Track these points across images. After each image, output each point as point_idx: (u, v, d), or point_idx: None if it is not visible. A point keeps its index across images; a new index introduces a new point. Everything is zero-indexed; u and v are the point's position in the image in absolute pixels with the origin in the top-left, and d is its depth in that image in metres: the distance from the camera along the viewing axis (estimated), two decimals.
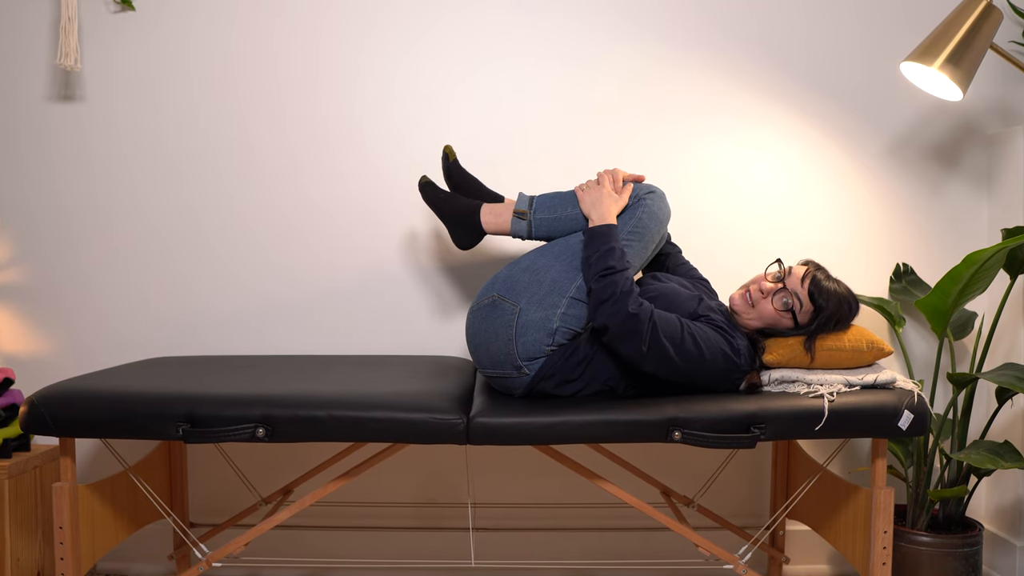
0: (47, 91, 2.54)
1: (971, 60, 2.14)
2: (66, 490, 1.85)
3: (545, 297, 1.92)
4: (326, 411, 1.80)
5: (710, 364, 1.89)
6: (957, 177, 2.59)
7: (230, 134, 2.55)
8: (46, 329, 2.58)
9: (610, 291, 1.83)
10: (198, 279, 2.56)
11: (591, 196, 2.00)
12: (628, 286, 1.84)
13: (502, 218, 2.10)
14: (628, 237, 1.98)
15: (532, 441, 1.80)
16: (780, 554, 2.42)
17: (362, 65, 2.54)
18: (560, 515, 2.61)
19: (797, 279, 1.98)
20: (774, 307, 1.97)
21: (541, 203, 2.08)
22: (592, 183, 2.04)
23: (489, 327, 1.95)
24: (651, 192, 2.03)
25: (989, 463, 2.04)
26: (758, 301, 1.99)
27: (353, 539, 2.58)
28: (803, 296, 1.96)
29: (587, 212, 1.99)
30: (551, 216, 2.07)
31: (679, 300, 1.99)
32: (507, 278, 1.99)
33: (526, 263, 2.00)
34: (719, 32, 2.55)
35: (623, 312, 1.81)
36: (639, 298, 1.85)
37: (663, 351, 1.84)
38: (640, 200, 2.02)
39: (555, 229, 2.06)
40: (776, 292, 1.97)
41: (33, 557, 2.29)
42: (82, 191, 2.55)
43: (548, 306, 1.92)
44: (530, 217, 2.07)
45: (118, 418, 1.81)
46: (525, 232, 2.08)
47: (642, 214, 2.01)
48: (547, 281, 1.94)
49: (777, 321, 1.99)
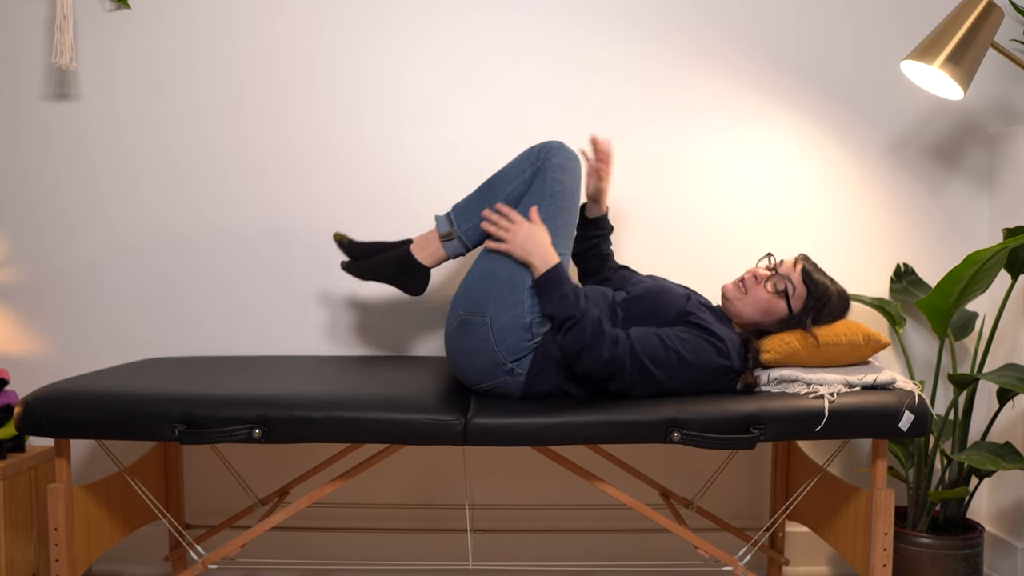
0: (42, 90, 2.53)
1: (972, 59, 2.13)
2: (61, 491, 1.85)
3: (508, 297, 1.92)
4: (323, 412, 1.79)
5: (700, 373, 1.90)
6: (958, 176, 2.58)
7: (228, 132, 2.53)
8: (41, 329, 2.57)
9: (579, 342, 1.82)
10: (194, 278, 2.55)
11: (516, 240, 1.90)
12: (595, 330, 1.82)
13: (433, 247, 2.06)
14: (552, 201, 1.95)
15: (530, 442, 1.79)
16: (780, 556, 2.41)
17: (363, 65, 2.53)
18: (558, 516, 2.60)
19: (789, 266, 2.01)
20: (767, 291, 1.97)
21: (460, 215, 2.05)
22: (502, 227, 1.92)
23: (468, 346, 1.94)
24: (549, 150, 1.99)
25: (990, 464, 2.04)
26: (751, 287, 2.00)
27: (350, 540, 2.57)
28: (796, 279, 1.98)
29: (523, 260, 1.89)
30: (474, 221, 2.04)
31: (666, 298, 1.99)
32: (466, 293, 1.98)
33: (477, 272, 1.98)
34: (716, 31, 2.54)
35: (600, 359, 1.82)
36: (611, 332, 1.84)
37: (651, 377, 1.86)
38: (545, 160, 1.98)
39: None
40: (769, 277, 1.99)
41: (28, 559, 2.28)
42: (78, 190, 2.54)
43: (514, 304, 1.91)
44: (457, 233, 2.03)
45: (113, 419, 1.80)
46: (461, 248, 2.06)
47: (555, 174, 1.98)
48: (503, 281, 1.93)
49: (771, 307, 1.99)
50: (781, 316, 1.99)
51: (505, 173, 2.05)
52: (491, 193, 2.04)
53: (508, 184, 2.03)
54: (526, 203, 1.99)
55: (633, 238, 2.56)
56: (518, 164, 2.04)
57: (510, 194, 2.02)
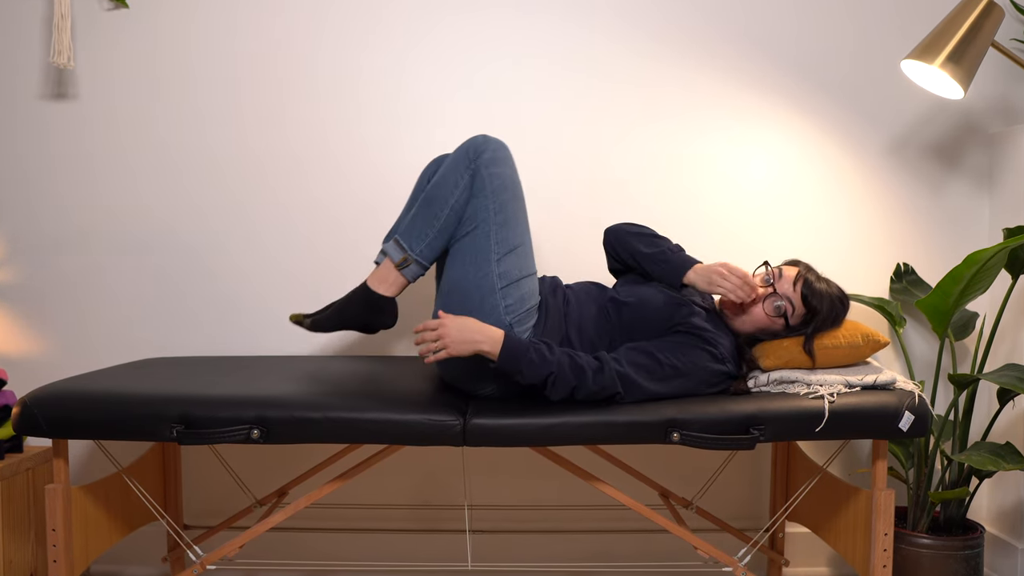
0: (40, 89, 2.52)
1: (972, 58, 2.13)
2: (59, 492, 1.84)
3: (482, 303, 1.90)
4: (321, 412, 1.79)
5: (698, 381, 1.90)
6: (958, 176, 2.57)
7: (226, 132, 2.53)
8: (39, 329, 2.56)
9: (567, 388, 1.81)
10: (193, 278, 2.55)
11: (453, 339, 1.79)
12: (575, 371, 1.80)
13: (392, 277, 1.98)
14: (496, 196, 1.92)
15: (529, 442, 1.79)
16: (780, 556, 2.41)
17: (362, 65, 2.52)
18: (557, 517, 2.59)
19: (788, 282, 1.98)
20: (765, 312, 1.96)
21: (408, 237, 1.95)
22: (432, 339, 1.81)
23: (458, 360, 1.93)
24: (477, 148, 1.94)
25: (990, 464, 2.03)
26: (749, 306, 1.98)
27: (349, 541, 2.56)
28: (795, 300, 1.96)
29: (473, 351, 1.80)
30: (426, 240, 1.95)
31: (658, 305, 1.97)
32: (444, 308, 1.95)
33: (447, 287, 1.96)
34: (715, 31, 2.53)
35: (590, 392, 1.82)
36: (591, 362, 1.82)
37: (647, 393, 1.86)
38: (477, 159, 1.93)
39: (438, 246, 1.95)
40: (767, 297, 1.97)
41: (26, 559, 2.27)
42: (76, 190, 2.54)
43: (490, 309, 1.90)
44: (413, 257, 1.95)
45: (112, 419, 1.79)
46: (420, 270, 1.97)
47: (490, 169, 1.93)
48: (472, 289, 1.91)
49: (769, 325, 1.99)
50: (778, 331, 2.00)
51: (441, 184, 1.95)
52: (433, 206, 1.94)
53: (450, 194, 1.93)
54: (472, 207, 1.93)
55: None
56: (452, 172, 1.94)
57: (454, 205, 1.93)
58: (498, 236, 1.93)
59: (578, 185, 2.54)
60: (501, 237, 1.93)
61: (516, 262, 1.94)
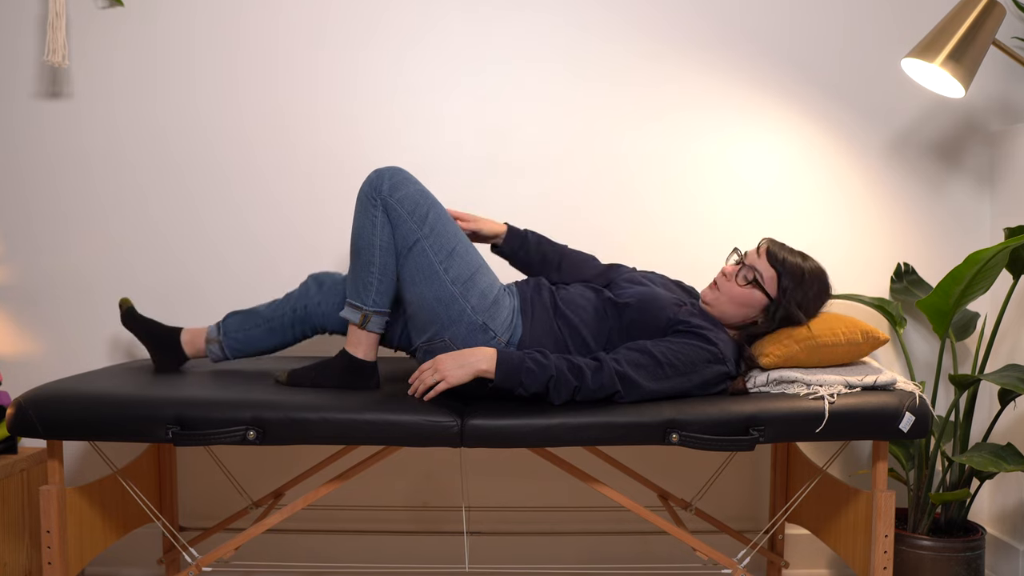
0: (35, 88, 2.51)
1: (973, 56, 2.12)
2: (54, 493, 1.83)
3: (448, 311, 1.92)
4: (318, 413, 1.78)
5: (699, 383, 1.89)
6: (959, 175, 2.56)
7: (223, 131, 2.52)
8: (34, 329, 2.55)
9: (569, 391, 1.81)
10: (189, 279, 2.54)
11: (449, 369, 1.81)
12: (574, 372, 1.80)
13: (363, 338, 1.97)
14: (419, 219, 1.91)
15: (527, 443, 1.78)
16: (779, 558, 2.40)
17: (360, 63, 2.51)
18: (556, 519, 2.58)
19: (754, 253, 2.02)
20: (738, 284, 1.98)
21: (358, 295, 1.96)
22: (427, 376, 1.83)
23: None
24: (374, 186, 1.92)
25: (991, 466, 2.03)
26: (723, 284, 2.00)
27: (345, 543, 2.55)
28: (762, 265, 1.98)
29: (474, 375, 1.81)
30: (373, 288, 1.94)
31: (656, 306, 1.97)
32: (413, 328, 1.98)
33: (411, 309, 1.97)
34: (714, 29, 2.52)
35: (591, 393, 1.82)
36: (589, 363, 1.83)
37: (646, 393, 1.85)
38: (380, 195, 1.91)
39: (385, 287, 1.95)
40: (738, 271, 1.99)
41: (20, 562, 2.26)
42: (70, 190, 2.52)
43: (458, 314, 1.92)
44: (368, 311, 1.95)
45: (107, 420, 1.78)
46: (383, 319, 1.97)
47: (396, 195, 1.91)
48: (433, 303, 1.92)
49: (748, 299, 1.98)
50: (763, 305, 1.99)
51: (360, 233, 1.94)
52: (363, 255, 1.94)
53: (373, 237, 1.92)
54: (399, 232, 1.92)
55: (631, 238, 2.55)
56: (363, 217, 1.93)
57: (382, 243, 1.93)
58: (434, 247, 1.92)
59: (576, 185, 2.53)
60: (437, 247, 1.92)
61: (460, 262, 1.94)
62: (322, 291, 2.14)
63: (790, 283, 1.96)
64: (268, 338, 2.14)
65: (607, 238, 2.54)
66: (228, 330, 2.13)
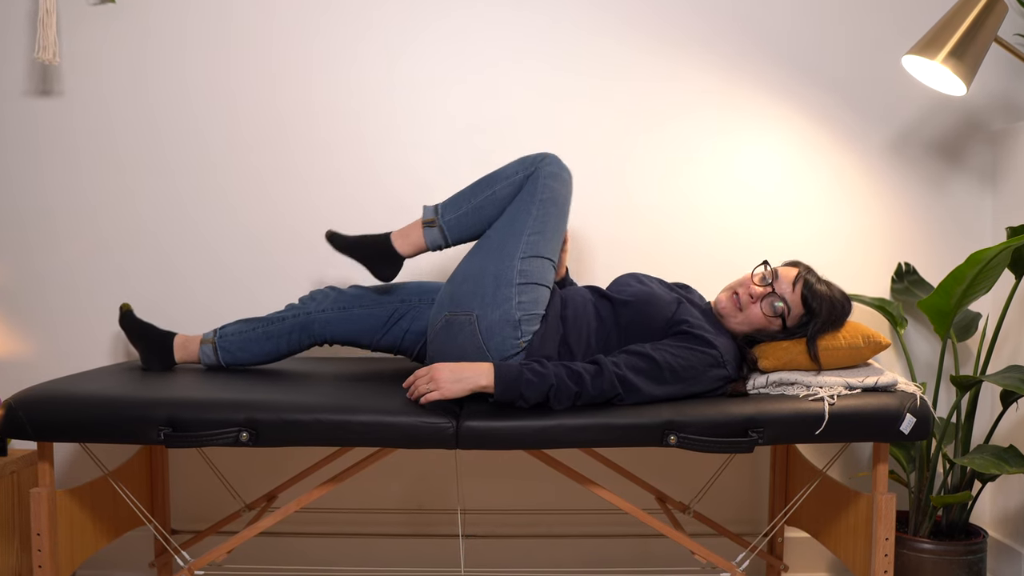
0: (25, 86, 2.50)
1: (975, 54, 2.12)
2: (44, 496, 1.82)
3: (495, 294, 1.90)
4: (311, 415, 1.76)
5: (696, 384, 1.88)
6: (960, 174, 2.55)
7: (216, 129, 2.50)
8: (24, 330, 2.53)
9: (570, 397, 1.79)
10: (182, 280, 2.52)
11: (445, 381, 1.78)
12: (574, 379, 1.78)
13: (414, 235, 2.06)
14: (543, 207, 1.96)
15: (524, 445, 1.77)
16: (779, 561, 2.40)
17: (356, 61, 2.50)
18: (552, 521, 2.57)
19: (787, 282, 1.96)
20: (763, 312, 1.95)
21: (447, 205, 2.05)
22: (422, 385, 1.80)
23: (454, 347, 1.92)
24: (544, 158, 2.00)
25: (993, 468, 2.02)
26: (747, 305, 1.97)
27: (339, 546, 2.54)
28: (793, 301, 1.95)
29: (470, 390, 1.78)
30: (459, 212, 2.03)
31: (655, 306, 1.96)
32: (451, 295, 1.97)
33: (460, 276, 1.98)
34: (715, 28, 2.51)
35: (591, 398, 1.80)
36: (588, 367, 1.81)
37: (646, 396, 1.83)
38: (539, 167, 1.99)
39: (468, 224, 2.03)
40: (765, 296, 1.94)
41: (10, 565, 2.25)
42: (62, 189, 2.51)
43: (502, 300, 1.90)
44: (439, 222, 2.02)
45: (98, 422, 1.77)
46: (440, 239, 2.04)
47: (547, 181, 1.98)
48: (489, 279, 1.92)
49: (767, 326, 1.97)
50: (776, 331, 1.98)
51: (497, 174, 2.04)
52: (480, 185, 2.03)
53: (497, 183, 2.02)
54: (515, 205, 1.98)
55: (632, 237, 2.53)
56: (511, 167, 2.03)
57: (498, 192, 2.01)
58: (530, 240, 1.95)
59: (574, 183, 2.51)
60: (532, 242, 1.95)
61: (539, 269, 1.94)
62: (329, 299, 2.13)
63: (817, 325, 1.94)
64: (263, 343, 2.11)
65: (603, 235, 2.53)
66: (225, 332, 2.12)
